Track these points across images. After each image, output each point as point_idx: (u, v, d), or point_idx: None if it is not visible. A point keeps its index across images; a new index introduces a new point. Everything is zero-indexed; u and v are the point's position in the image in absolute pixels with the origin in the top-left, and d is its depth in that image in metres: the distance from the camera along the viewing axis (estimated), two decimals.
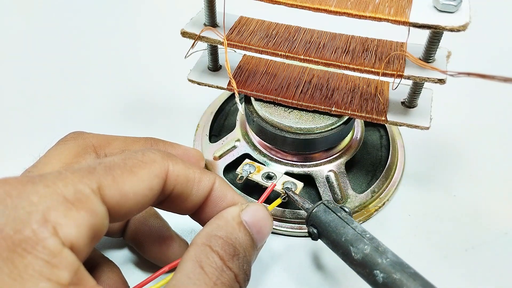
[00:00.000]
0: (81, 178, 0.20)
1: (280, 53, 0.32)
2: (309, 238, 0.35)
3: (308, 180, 0.35)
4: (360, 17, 0.27)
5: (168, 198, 0.24)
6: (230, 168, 0.37)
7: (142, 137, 0.33)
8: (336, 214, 0.28)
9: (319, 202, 0.29)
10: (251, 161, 0.34)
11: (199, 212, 0.26)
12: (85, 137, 0.30)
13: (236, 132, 0.38)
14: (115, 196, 0.21)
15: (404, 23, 0.27)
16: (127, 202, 0.21)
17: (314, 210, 0.29)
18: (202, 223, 0.26)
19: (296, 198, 0.31)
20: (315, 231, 0.29)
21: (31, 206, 0.18)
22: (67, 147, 0.29)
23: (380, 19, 0.27)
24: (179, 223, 0.33)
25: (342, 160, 0.36)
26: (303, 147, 0.34)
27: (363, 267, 0.25)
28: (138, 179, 0.22)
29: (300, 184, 0.32)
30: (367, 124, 0.41)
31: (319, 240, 0.29)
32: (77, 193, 0.19)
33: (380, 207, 0.36)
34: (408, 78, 0.30)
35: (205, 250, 0.23)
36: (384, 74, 0.30)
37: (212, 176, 0.26)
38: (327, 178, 0.35)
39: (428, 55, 0.30)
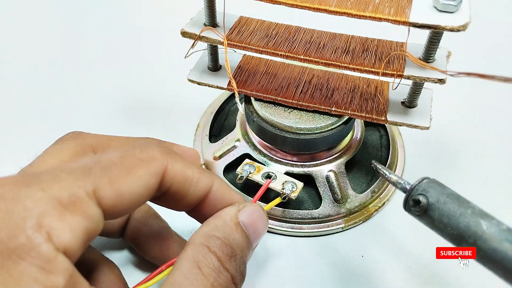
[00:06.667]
0: (76, 181, 0.20)
1: (280, 53, 0.32)
2: (309, 238, 0.35)
3: (308, 180, 0.35)
4: (360, 17, 0.27)
5: (164, 195, 0.24)
6: (230, 168, 0.37)
7: (142, 138, 0.33)
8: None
9: (425, 177, 0.25)
10: (251, 161, 0.34)
11: (197, 210, 0.26)
12: (84, 137, 0.29)
13: (236, 132, 0.39)
14: (111, 197, 0.21)
15: (404, 23, 0.27)
16: (123, 202, 0.21)
17: (426, 179, 0.24)
18: (200, 220, 0.26)
19: (385, 171, 0.27)
20: (425, 200, 0.24)
21: (26, 211, 0.18)
22: (65, 147, 0.28)
23: (380, 19, 0.27)
24: (179, 223, 0.33)
25: (342, 160, 0.36)
26: (303, 147, 0.34)
27: (498, 241, 0.21)
28: (135, 178, 0.22)
29: (300, 184, 0.32)
30: (367, 124, 0.41)
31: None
32: (72, 197, 0.19)
33: (380, 207, 0.36)
34: (408, 78, 0.30)
35: (203, 251, 0.23)
36: (384, 74, 0.30)
37: (211, 177, 0.26)
38: (327, 178, 0.35)
39: (428, 55, 0.30)
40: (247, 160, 0.34)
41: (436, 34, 0.28)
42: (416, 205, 0.24)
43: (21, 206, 0.18)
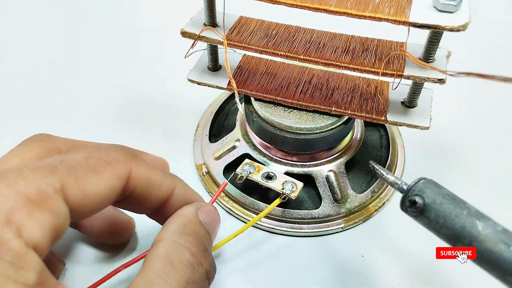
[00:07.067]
0: (44, 177, 0.19)
1: (280, 53, 0.32)
2: (308, 238, 0.35)
3: (308, 180, 0.35)
4: (360, 17, 0.27)
5: (127, 198, 0.24)
6: (230, 168, 0.37)
7: (111, 144, 0.32)
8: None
9: (422, 177, 0.25)
10: (251, 161, 0.34)
11: (158, 213, 0.26)
12: (52, 140, 0.28)
13: (236, 132, 0.38)
14: (77, 196, 0.20)
15: (404, 23, 0.27)
16: (89, 202, 0.21)
17: (423, 180, 0.25)
18: (161, 222, 0.27)
19: (382, 172, 0.27)
20: (421, 201, 0.24)
21: None
22: (30, 148, 0.27)
23: (380, 19, 0.27)
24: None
25: (342, 160, 0.36)
26: (303, 147, 0.34)
27: (493, 243, 0.21)
28: (100, 180, 0.22)
29: (300, 184, 0.32)
30: (367, 124, 0.41)
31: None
32: (40, 193, 0.19)
33: (380, 207, 0.36)
34: (408, 78, 0.30)
35: (176, 247, 0.23)
36: (384, 74, 0.30)
37: (174, 180, 0.26)
38: (327, 178, 0.35)
39: (428, 55, 0.30)
40: (247, 160, 0.34)
41: (436, 34, 0.28)
42: (413, 205, 0.24)
43: None
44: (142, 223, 0.33)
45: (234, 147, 0.38)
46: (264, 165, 0.35)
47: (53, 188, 0.19)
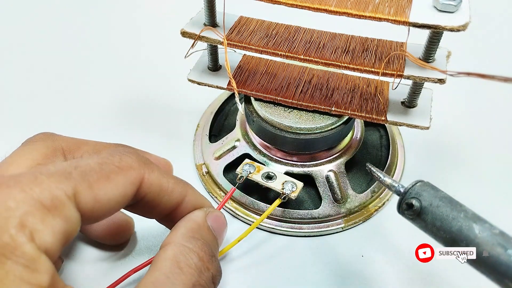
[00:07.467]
0: (57, 184, 0.20)
1: (280, 53, 0.32)
2: (308, 238, 0.35)
3: (308, 180, 0.35)
4: (360, 17, 0.27)
5: (138, 203, 0.25)
6: (230, 168, 0.37)
7: (112, 143, 0.32)
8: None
9: (419, 180, 0.25)
10: (251, 161, 0.34)
11: (168, 218, 0.27)
12: (55, 139, 0.29)
13: (236, 132, 0.38)
14: (89, 202, 0.21)
15: (404, 23, 0.27)
16: (100, 208, 0.21)
17: (420, 183, 0.24)
18: (170, 227, 0.27)
19: (379, 174, 0.27)
20: (417, 204, 0.24)
21: (8, 211, 0.18)
22: (35, 148, 0.27)
23: (380, 19, 0.27)
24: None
25: (342, 160, 0.36)
26: (303, 147, 0.34)
27: (490, 246, 0.21)
28: (113, 186, 0.22)
29: (300, 184, 0.32)
30: (367, 124, 0.41)
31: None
32: (54, 199, 0.19)
33: (380, 207, 0.36)
34: (408, 78, 0.30)
35: (184, 251, 0.23)
36: (384, 74, 0.30)
37: (185, 187, 0.26)
38: (327, 178, 0.35)
39: (428, 55, 0.30)
40: (247, 160, 0.34)
41: (436, 34, 0.28)
42: (409, 208, 0.24)
43: (4, 206, 0.18)
44: (142, 223, 0.33)
45: (234, 147, 0.38)
46: (264, 165, 0.35)
47: (66, 194, 0.20)
